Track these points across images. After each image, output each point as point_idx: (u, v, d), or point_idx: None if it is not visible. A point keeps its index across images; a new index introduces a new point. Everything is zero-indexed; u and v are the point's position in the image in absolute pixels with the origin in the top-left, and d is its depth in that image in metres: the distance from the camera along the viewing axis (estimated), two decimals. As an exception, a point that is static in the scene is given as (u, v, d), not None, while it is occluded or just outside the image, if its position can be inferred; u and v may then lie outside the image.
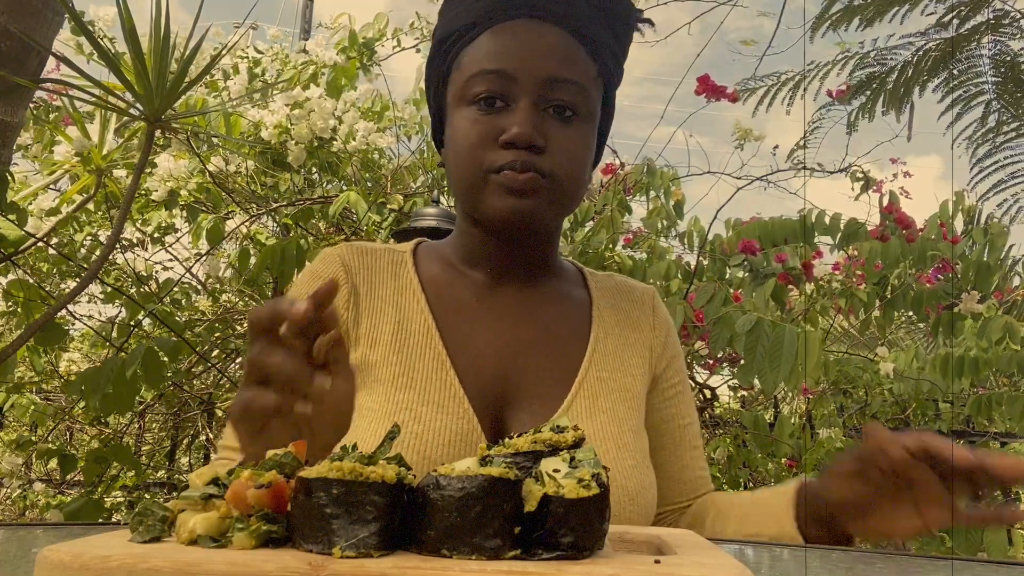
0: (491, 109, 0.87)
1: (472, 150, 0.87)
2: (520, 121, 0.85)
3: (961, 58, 2.31)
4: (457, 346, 0.92)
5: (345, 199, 2.83)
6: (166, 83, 1.53)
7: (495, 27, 0.89)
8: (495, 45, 0.88)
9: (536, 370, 0.93)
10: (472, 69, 0.88)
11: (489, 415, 0.90)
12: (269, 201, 3.26)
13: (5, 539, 0.74)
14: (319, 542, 0.46)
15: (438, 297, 0.96)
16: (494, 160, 0.86)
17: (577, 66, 0.89)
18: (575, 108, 0.89)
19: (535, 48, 0.87)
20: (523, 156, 0.85)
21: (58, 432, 3.93)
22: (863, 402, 4.22)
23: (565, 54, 0.88)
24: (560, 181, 0.87)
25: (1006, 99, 2.32)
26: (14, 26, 1.45)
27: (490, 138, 0.86)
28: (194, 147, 3.05)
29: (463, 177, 0.89)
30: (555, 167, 0.86)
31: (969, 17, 2.23)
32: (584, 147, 0.90)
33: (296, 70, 3.40)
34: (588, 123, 0.91)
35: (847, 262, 3.11)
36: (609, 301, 1.03)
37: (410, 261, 0.99)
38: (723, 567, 0.46)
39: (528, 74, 0.86)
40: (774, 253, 2.94)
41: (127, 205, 1.73)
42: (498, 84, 0.87)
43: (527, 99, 0.86)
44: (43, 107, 3.07)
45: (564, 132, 0.88)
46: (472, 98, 0.88)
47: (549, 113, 0.88)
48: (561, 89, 0.87)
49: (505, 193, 0.86)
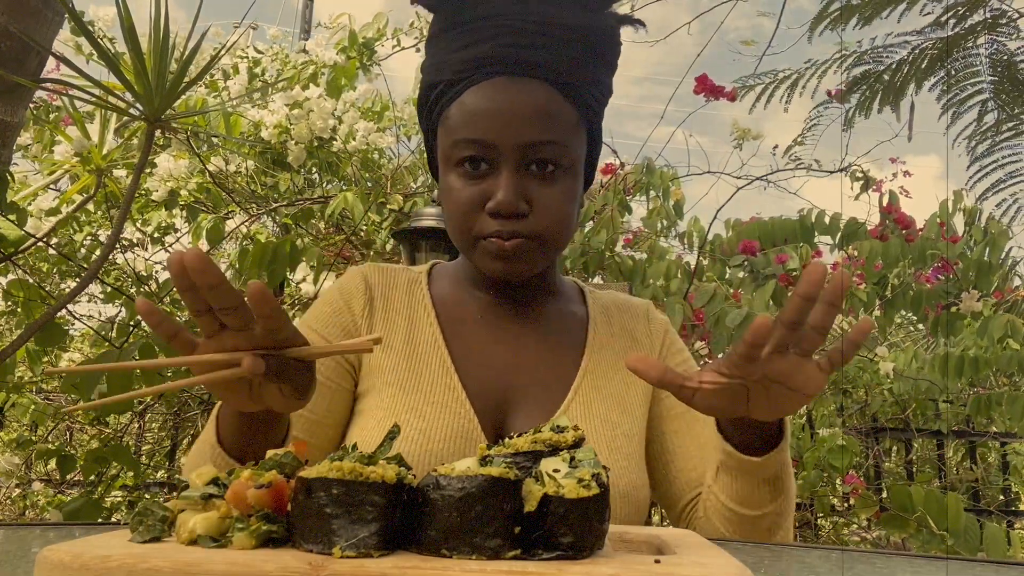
0: (476, 171, 0.92)
1: (462, 217, 0.93)
2: (503, 189, 0.89)
3: (958, 57, 2.31)
4: (462, 356, 1.00)
5: (342, 200, 2.83)
6: (166, 83, 1.53)
7: (475, 86, 0.92)
8: (476, 107, 0.91)
9: (534, 379, 0.99)
10: (455, 135, 0.92)
11: (489, 417, 0.96)
12: (269, 201, 3.26)
13: (5, 539, 0.74)
14: (319, 542, 0.46)
15: (447, 313, 1.04)
16: (482, 227, 0.92)
17: (557, 123, 0.92)
18: (557, 162, 0.92)
19: (514, 113, 0.90)
20: (508, 225, 0.90)
21: (58, 432, 3.92)
22: (863, 402, 4.22)
23: (545, 113, 0.91)
24: (547, 238, 0.92)
25: (1003, 98, 2.32)
26: (14, 26, 1.44)
27: (477, 205, 0.92)
28: (194, 147, 3.05)
29: (456, 237, 0.96)
30: (540, 228, 0.91)
31: (966, 16, 2.23)
32: (568, 199, 0.94)
33: (296, 70, 3.40)
34: (571, 172, 0.94)
35: (846, 262, 3.11)
36: (605, 316, 1.09)
37: (424, 280, 1.07)
38: (723, 567, 0.46)
39: (507, 142, 0.90)
40: (774, 254, 2.94)
41: (127, 205, 1.73)
42: (480, 151, 0.91)
43: (508, 166, 0.90)
44: (43, 107, 3.07)
45: (547, 190, 0.91)
46: (458, 161, 0.93)
47: (532, 171, 0.91)
48: (541, 150, 0.91)
49: (495, 258, 0.92)
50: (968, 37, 2.25)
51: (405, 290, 1.06)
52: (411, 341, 1.01)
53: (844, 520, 3.74)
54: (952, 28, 2.27)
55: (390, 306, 1.04)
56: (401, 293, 1.06)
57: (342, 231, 3.38)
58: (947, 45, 2.20)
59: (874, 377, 3.54)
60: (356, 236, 3.31)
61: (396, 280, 1.07)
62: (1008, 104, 2.32)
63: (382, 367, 0.99)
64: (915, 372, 3.63)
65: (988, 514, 3.81)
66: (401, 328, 1.02)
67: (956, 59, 2.32)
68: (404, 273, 1.09)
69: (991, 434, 4.40)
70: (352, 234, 3.31)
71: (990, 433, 4.41)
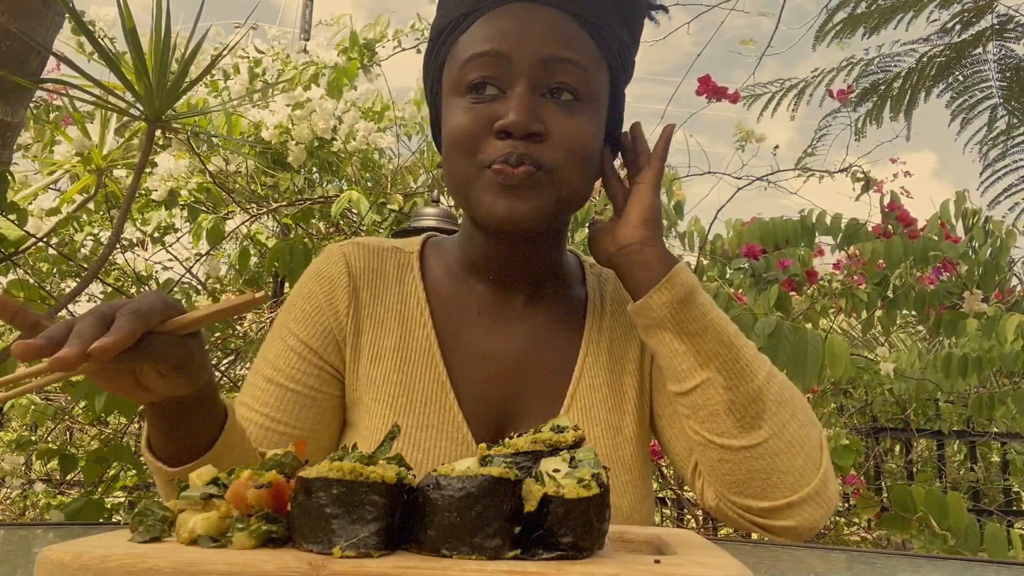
0: (485, 96, 0.81)
1: (465, 142, 0.81)
2: (516, 107, 0.78)
3: (966, 63, 2.31)
4: (458, 366, 0.90)
5: (347, 198, 2.83)
6: (166, 83, 1.52)
7: (490, 12, 0.84)
8: (489, 29, 0.83)
9: (535, 389, 0.91)
10: (465, 55, 0.83)
11: (488, 439, 0.88)
12: (269, 201, 3.26)
13: (5, 539, 0.74)
14: (319, 542, 0.46)
15: (442, 309, 0.93)
16: (489, 152, 0.80)
17: (578, 46, 0.83)
18: (576, 91, 0.82)
19: (531, 28, 0.81)
20: (520, 147, 0.78)
21: (58, 432, 3.92)
22: (863, 402, 4.22)
23: (564, 33, 0.82)
24: (561, 174, 0.81)
25: (1012, 104, 2.32)
26: (14, 26, 1.45)
27: (484, 128, 0.80)
28: (194, 147, 3.05)
29: (457, 172, 0.83)
30: (556, 158, 0.80)
31: (973, 22, 2.23)
32: (589, 134, 0.82)
33: (297, 71, 3.40)
34: (593, 107, 0.84)
35: (847, 261, 3.11)
36: (603, 295, 0.99)
37: (416, 265, 0.96)
38: (723, 567, 0.46)
39: (523, 54, 0.80)
40: (776, 257, 2.94)
41: (127, 205, 1.73)
42: (491, 67, 0.81)
43: (523, 82, 0.80)
44: (43, 107, 3.07)
45: (565, 118, 0.81)
46: (466, 86, 0.82)
47: (548, 98, 0.81)
48: (560, 70, 0.81)
49: (499, 191, 0.79)
50: (976, 43, 2.25)
51: (395, 278, 0.94)
52: (403, 346, 0.90)
53: (845, 520, 3.74)
54: (959, 35, 2.27)
55: (378, 300, 0.92)
56: (391, 282, 0.94)
57: (343, 231, 3.38)
58: (955, 52, 2.21)
59: (874, 377, 3.54)
60: (357, 236, 3.31)
61: (384, 264, 0.95)
62: (1018, 109, 2.32)
63: (372, 378, 0.89)
64: (918, 372, 3.63)
65: (988, 514, 3.81)
66: (392, 330, 0.91)
67: (964, 65, 2.32)
68: (393, 255, 0.96)
69: (991, 434, 4.40)
70: (353, 233, 3.31)
71: (990, 433, 4.41)
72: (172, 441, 0.73)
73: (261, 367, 0.92)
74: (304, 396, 0.89)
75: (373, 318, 0.92)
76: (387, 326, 0.91)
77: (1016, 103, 2.31)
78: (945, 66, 2.30)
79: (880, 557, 0.72)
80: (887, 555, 0.73)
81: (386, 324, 0.92)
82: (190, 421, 0.72)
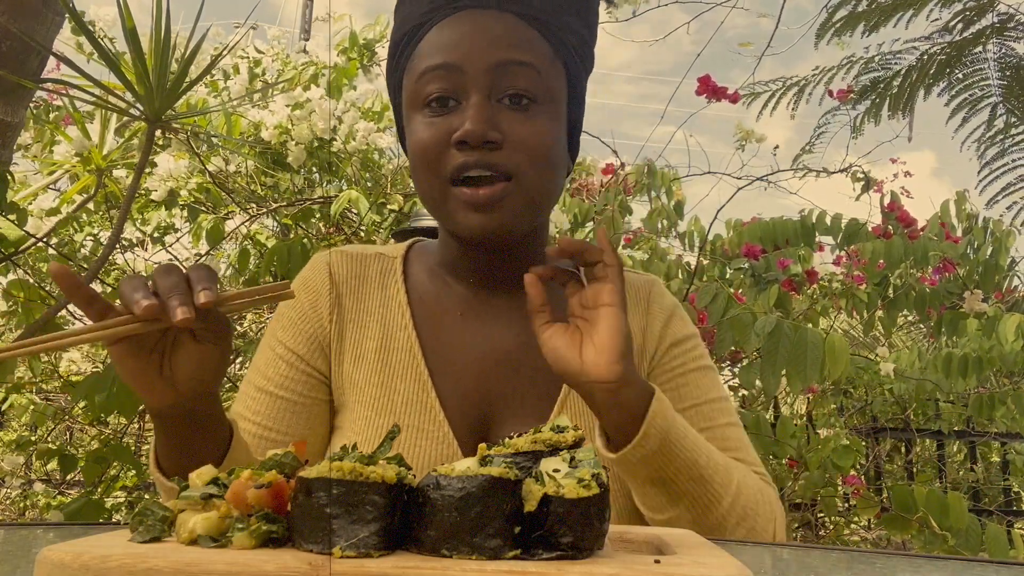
0: (444, 109, 0.82)
1: (428, 157, 0.82)
2: (472, 116, 0.79)
3: (966, 61, 2.31)
4: (440, 366, 0.90)
5: (347, 198, 2.83)
6: (166, 83, 1.52)
7: (441, 22, 0.84)
8: (440, 40, 0.83)
9: (518, 388, 0.90)
10: (419, 68, 0.84)
11: (471, 439, 0.88)
12: (269, 201, 3.26)
13: (5, 539, 0.74)
14: (319, 542, 0.46)
15: (423, 311, 0.93)
16: (449, 163, 0.81)
17: (529, 48, 0.83)
18: (532, 94, 0.82)
19: (481, 35, 0.81)
20: (477, 156, 0.79)
21: (58, 432, 3.92)
22: (863, 402, 4.22)
23: (515, 37, 0.82)
24: (526, 179, 0.81)
25: (1012, 102, 2.32)
26: (14, 26, 1.45)
27: (443, 141, 0.81)
28: (194, 147, 3.05)
29: (425, 189, 0.84)
30: (517, 162, 0.80)
31: (974, 21, 2.23)
32: (548, 135, 0.83)
33: (297, 71, 3.40)
34: (551, 107, 0.84)
35: (846, 260, 3.11)
36: None
37: (399, 269, 0.96)
38: (723, 567, 0.46)
39: (474, 63, 0.80)
40: (776, 257, 2.94)
41: (127, 205, 1.73)
42: (445, 80, 0.82)
43: (477, 91, 0.80)
44: (43, 107, 3.07)
45: (522, 122, 0.81)
46: (423, 101, 0.83)
47: (504, 104, 0.81)
48: (513, 74, 0.81)
49: (469, 208, 0.81)
50: (976, 41, 2.25)
51: (378, 283, 0.95)
52: (385, 348, 0.91)
53: (845, 520, 3.74)
54: (960, 33, 2.27)
55: (360, 306, 0.93)
56: (373, 288, 0.95)
57: (343, 231, 3.38)
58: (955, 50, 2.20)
59: (874, 377, 3.53)
60: (357, 236, 3.31)
61: (367, 270, 0.96)
62: (1018, 108, 2.32)
63: (355, 381, 0.91)
64: (918, 372, 3.63)
65: (988, 514, 3.81)
66: (374, 334, 0.92)
67: (964, 63, 2.32)
68: (377, 261, 0.97)
69: (992, 434, 4.40)
70: (353, 234, 3.31)
71: (991, 433, 4.41)
72: (183, 456, 0.75)
73: (252, 377, 0.95)
74: (294, 403, 0.91)
75: (356, 322, 0.93)
76: (369, 329, 0.93)
77: (1016, 102, 2.31)
78: (945, 64, 2.30)
79: (880, 557, 0.72)
80: (887, 555, 0.73)
81: (368, 328, 0.93)
82: (198, 436, 0.74)
